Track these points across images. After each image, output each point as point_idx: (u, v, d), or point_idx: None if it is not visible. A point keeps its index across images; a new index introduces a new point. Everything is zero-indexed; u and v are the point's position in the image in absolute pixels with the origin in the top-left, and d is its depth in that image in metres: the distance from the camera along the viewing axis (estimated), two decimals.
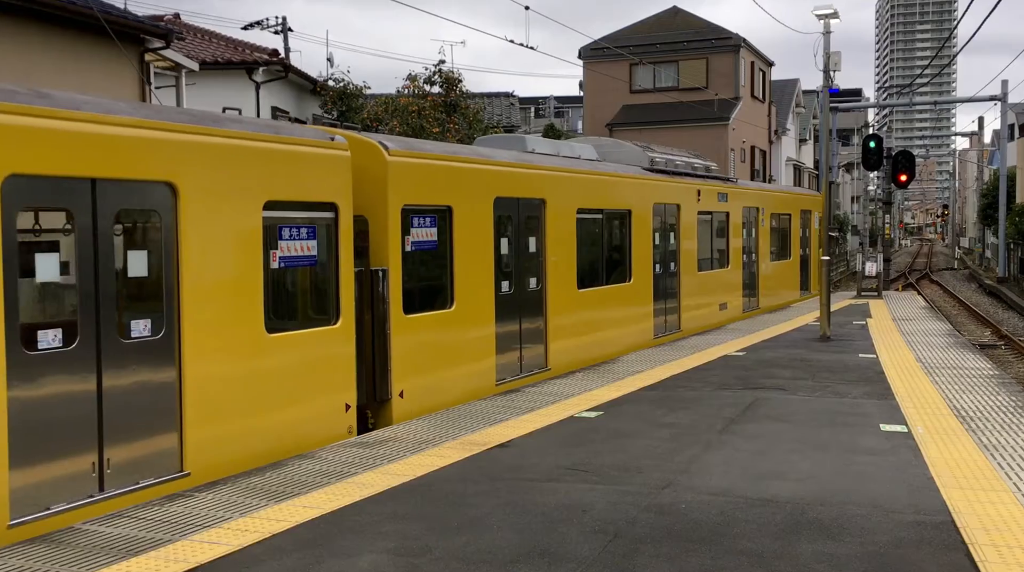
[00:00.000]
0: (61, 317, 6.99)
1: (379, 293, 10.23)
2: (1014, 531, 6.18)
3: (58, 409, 6.86)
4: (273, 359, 8.71)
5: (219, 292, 8.16)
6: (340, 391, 9.56)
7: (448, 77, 28.95)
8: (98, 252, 7.18)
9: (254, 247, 8.55)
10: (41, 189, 6.80)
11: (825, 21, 18.29)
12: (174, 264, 7.80)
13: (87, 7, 13.34)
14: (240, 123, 8.78)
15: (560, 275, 13.93)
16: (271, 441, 8.67)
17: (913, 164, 27.63)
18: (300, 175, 9.11)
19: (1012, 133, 55.06)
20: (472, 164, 12.08)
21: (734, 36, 40.07)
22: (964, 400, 10.96)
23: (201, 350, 7.94)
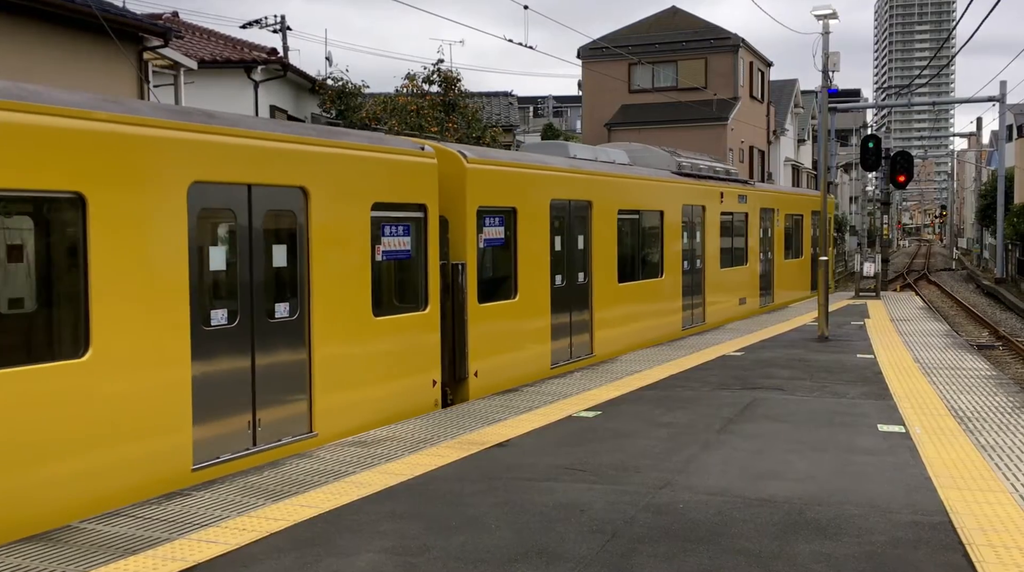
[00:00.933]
0: (226, 300, 8.39)
1: (458, 284, 11.65)
2: (1011, 531, 6.18)
3: (224, 376, 8.24)
4: (378, 339, 10.16)
5: (338, 280, 9.58)
6: (428, 369, 11.04)
7: (447, 76, 28.95)
8: (252, 246, 8.57)
9: (365, 242, 10.00)
10: (213, 193, 8.20)
11: (824, 21, 18.29)
12: (305, 256, 9.20)
13: (86, 6, 13.33)
14: (353, 135, 10.28)
15: (604, 270, 15.34)
16: (377, 411, 10.05)
17: (911, 165, 27.65)
18: (398, 180, 10.60)
19: (1010, 134, 55.12)
20: (532, 170, 13.57)
21: (733, 36, 40.09)
22: (962, 400, 10.97)
23: (325, 330, 9.34)
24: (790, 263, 26.54)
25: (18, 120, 6.68)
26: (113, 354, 7.29)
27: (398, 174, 10.58)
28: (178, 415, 7.82)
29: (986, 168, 72.30)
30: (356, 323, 9.81)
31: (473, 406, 10.82)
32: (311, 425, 9.21)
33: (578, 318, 14.56)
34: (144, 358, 7.55)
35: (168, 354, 7.72)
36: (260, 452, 8.52)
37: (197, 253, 8.02)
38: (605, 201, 15.37)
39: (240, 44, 25.09)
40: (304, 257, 9.18)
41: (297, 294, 9.09)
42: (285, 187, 8.95)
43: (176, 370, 7.78)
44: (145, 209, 7.55)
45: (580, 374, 13.23)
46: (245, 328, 8.45)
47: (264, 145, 8.73)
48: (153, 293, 7.61)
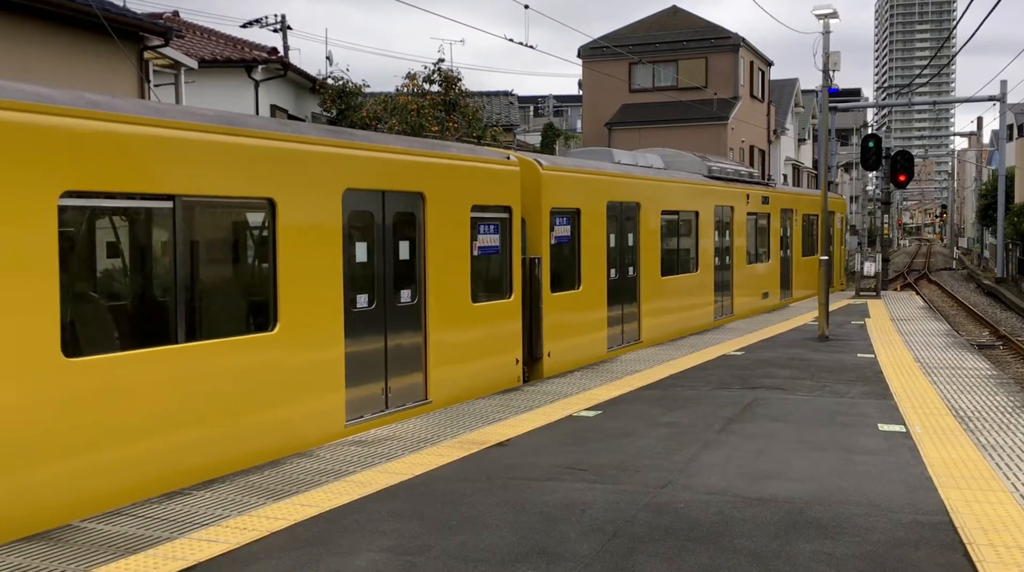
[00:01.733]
0: (367, 287, 10.08)
1: (535, 275, 13.39)
2: (1012, 531, 6.18)
3: (366, 350, 10.01)
4: (474, 323, 11.93)
5: (446, 272, 11.36)
6: (513, 349, 12.81)
7: (447, 76, 28.94)
8: (384, 242, 10.36)
9: (466, 239, 11.80)
10: (359, 198, 9.92)
11: (824, 21, 18.29)
12: (422, 251, 10.96)
13: (86, 5, 13.33)
14: (456, 148, 12.10)
15: (649, 265, 17.09)
16: (473, 385, 11.78)
17: (912, 164, 27.64)
18: (490, 186, 12.38)
19: (1011, 133, 55.09)
20: (593, 175, 15.28)
21: (733, 36, 40.07)
22: (962, 400, 10.97)
23: (437, 313, 11.11)
24: (807, 260, 28.08)
25: (238, 142, 8.50)
26: (293, 329, 8.97)
27: (490, 180, 12.40)
28: (336, 381, 9.56)
29: (986, 167, 72.27)
30: (459, 308, 11.65)
31: (552, 382, 12.55)
32: (426, 393, 11.01)
33: (628, 308, 16.36)
34: (314, 332, 9.27)
35: (330, 330, 9.49)
36: (390, 414, 10.30)
37: (348, 248, 9.79)
38: (650, 202, 17.11)
39: (241, 43, 25.09)
40: (422, 251, 10.97)
41: (416, 283, 10.92)
42: (408, 193, 10.76)
43: (335, 343, 9.54)
44: (315, 211, 9.31)
45: (580, 373, 13.23)
46: (380, 311, 10.31)
47: (393, 157, 10.51)
48: (320, 280, 9.35)
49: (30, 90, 6.91)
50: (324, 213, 9.39)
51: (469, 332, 11.77)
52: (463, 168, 11.86)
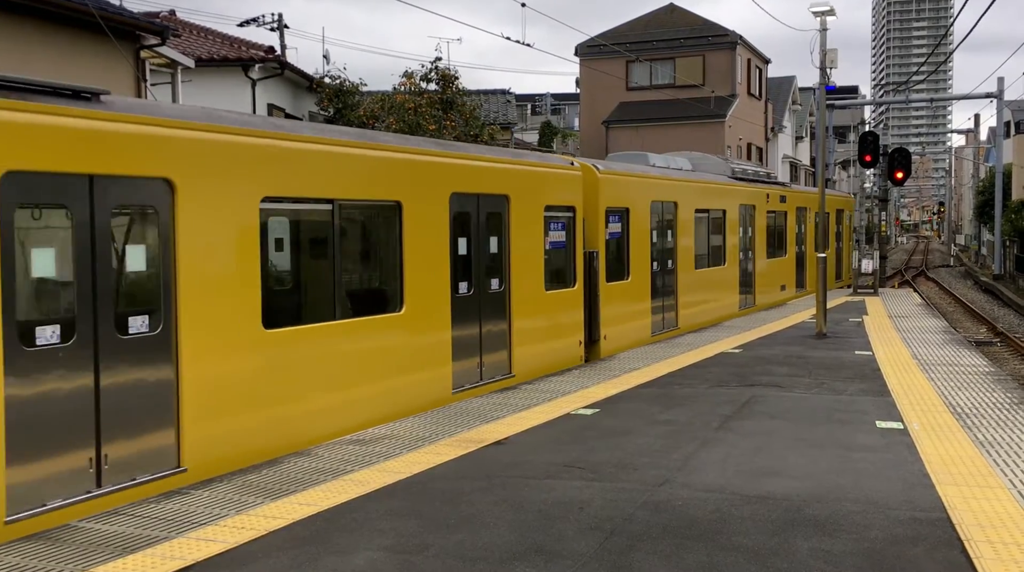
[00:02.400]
0: (466, 276, 11.91)
1: (594, 267, 15.02)
2: (1009, 527, 6.19)
3: (466, 330, 11.82)
4: (547, 308, 13.64)
5: (526, 263, 13.08)
6: (577, 331, 14.50)
7: (444, 74, 28.91)
8: (479, 237, 12.15)
9: (540, 235, 13.52)
10: (461, 200, 11.76)
11: (822, 18, 18.29)
12: (506, 245, 12.68)
13: (83, 4, 13.31)
14: (531, 155, 14.78)
15: (685, 259, 18.78)
16: (548, 360, 13.56)
17: (909, 161, 27.66)
18: (558, 188, 14.13)
19: (1008, 130, 55.12)
20: (639, 178, 17.09)
21: (730, 33, 40.06)
22: (960, 397, 10.98)
23: (519, 299, 12.91)
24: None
25: (377, 155, 10.34)
26: (415, 310, 10.81)
27: (558, 183, 14.15)
28: (444, 355, 11.36)
29: (984, 165, 72.31)
30: (536, 295, 13.38)
31: (609, 361, 14.36)
32: (510, 368, 12.74)
33: (668, 297, 18.10)
34: (430, 314, 11.12)
35: (441, 312, 11.30)
36: (484, 385, 12.10)
37: (453, 242, 11.48)
38: (686, 202, 18.86)
39: (237, 42, 25.06)
40: (506, 246, 12.65)
41: (502, 273, 12.61)
42: (497, 195, 12.46)
43: (445, 323, 11.35)
44: (430, 212, 11.07)
45: (578, 372, 13.23)
46: (476, 297, 12.04)
47: (486, 165, 12.38)
48: (435, 270, 11.17)
49: (237, 117, 9.01)
50: (437, 213, 11.25)
51: (543, 316, 13.58)
52: (538, 173, 13.72)
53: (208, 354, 8.15)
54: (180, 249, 7.90)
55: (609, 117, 39.61)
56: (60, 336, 6.96)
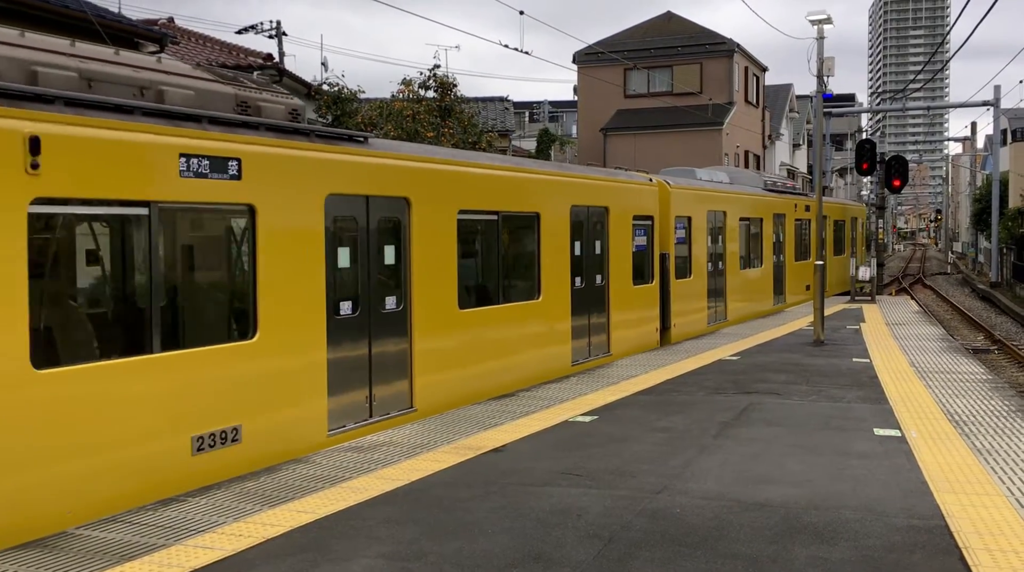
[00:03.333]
0: (577, 273, 14.64)
1: (665, 267, 18.11)
2: (1007, 535, 6.19)
3: (583, 316, 14.75)
4: (634, 299, 16.69)
5: (620, 262, 16.08)
6: (654, 320, 17.62)
7: (442, 82, 28.94)
8: (585, 240, 14.94)
9: (630, 239, 16.50)
10: (578, 211, 14.68)
11: (819, 27, 18.34)
12: (607, 246, 15.63)
13: (80, 10, 13.32)
14: (622, 174, 17.28)
15: (732, 261, 21.80)
16: (635, 343, 16.55)
17: (906, 169, 27.72)
18: (642, 200, 17.20)
19: (1005, 138, 55.24)
20: (699, 191, 20.25)
21: (728, 41, 40.14)
22: (957, 404, 10.98)
23: (614, 290, 15.85)
24: (839, 259, 33.59)
25: (521, 177, 13.40)
26: (548, 298, 13.69)
27: (641, 197, 17.21)
28: (567, 335, 14.28)
29: (981, 172, 72.43)
30: (626, 289, 16.30)
31: (678, 345, 17.35)
32: (609, 348, 15.67)
33: (719, 294, 21.07)
34: (559, 302, 13.99)
35: (566, 300, 14.25)
36: (590, 361, 14.98)
37: (571, 245, 14.49)
38: (733, 212, 21.98)
39: (236, 49, 25.10)
40: (606, 248, 15.65)
41: (603, 270, 15.57)
42: (599, 207, 15.53)
43: (567, 310, 14.28)
44: (557, 221, 14.11)
45: (576, 378, 13.23)
46: (586, 289, 15.00)
47: (592, 183, 15.42)
48: (561, 266, 14.12)
49: (443, 151, 12.57)
50: (562, 222, 14.11)
51: (632, 307, 16.56)
52: (628, 188, 16.70)
53: (429, 327, 10.97)
54: (413, 249, 10.80)
55: (607, 124, 39.66)
56: (351, 309, 9.85)
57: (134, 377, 7.46)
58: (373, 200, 10.21)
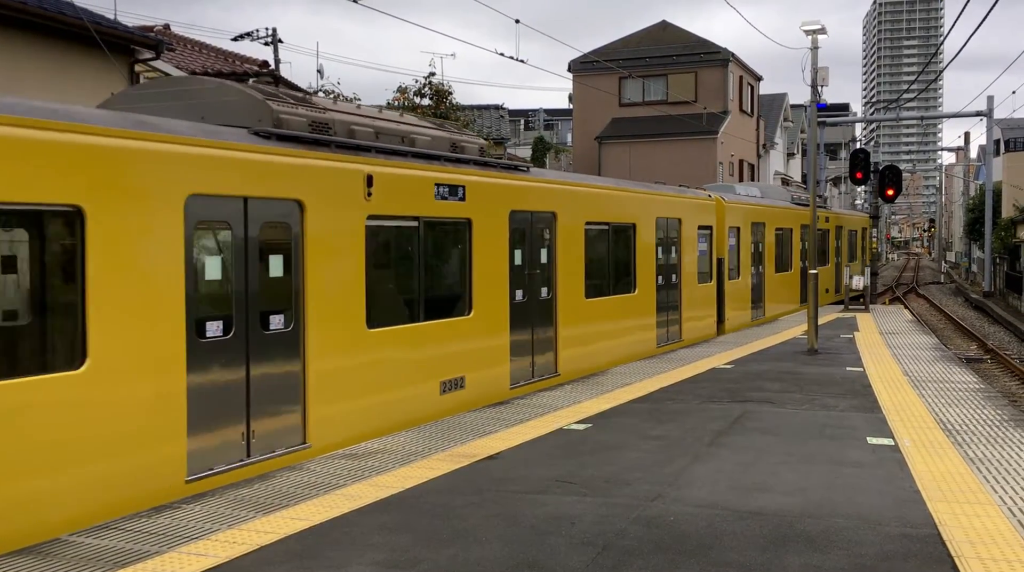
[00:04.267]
0: (660, 272, 17.94)
1: (720, 269, 21.43)
2: (999, 544, 6.21)
3: (665, 310, 18.10)
4: (700, 296, 20.12)
5: (689, 264, 19.45)
6: (713, 313, 20.99)
7: (438, 89, 29.03)
8: (667, 246, 18.27)
9: (696, 245, 19.87)
10: (660, 222, 17.89)
11: (813, 37, 18.42)
12: (679, 253, 18.84)
13: (77, 18, 13.33)
14: (690, 191, 20.62)
15: (769, 265, 25.29)
16: (698, 333, 19.91)
17: (900, 179, 27.81)
18: (704, 213, 20.52)
19: (998, 148, 55.43)
20: (745, 205, 23.44)
21: (723, 50, 40.27)
22: (950, 413, 11.02)
23: (685, 288, 19.18)
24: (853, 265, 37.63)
25: (623, 194, 16.61)
26: (643, 292, 17.21)
27: (704, 210, 20.62)
28: (653, 325, 17.72)
29: (974, 182, 72.67)
30: (694, 288, 19.75)
31: (727, 337, 20.29)
32: (680, 335, 18.97)
33: (760, 294, 24.34)
34: (648, 296, 17.55)
35: (653, 295, 17.68)
36: (668, 345, 18.14)
37: (656, 251, 17.79)
38: (771, 223, 25.52)
39: (231, 56, 25.10)
40: (679, 254, 18.88)
41: (677, 273, 18.82)
42: (674, 218, 18.62)
43: (652, 305, 17.65)
44: (647, 231, 17.43)
45: (571, 386, 13.24)
46: (666, 287, 18.25)
47: (669, 198, 18.56)
48: (650, 269, 17.49)
49: (577, 176, 15.95)
50: (650, 231, 17.53)
51: (698, 302, 19.97)
52: (695, 203, 20.08)
53: (568, 307, 14.37)
54: (559, 248, 14.22)
55: (602, 133, 39.74)
56: (522, 296, 13.28)
57: (413, 337, 10.83)
58: (535, 214, 13.71)
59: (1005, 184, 53.62)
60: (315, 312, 9.34)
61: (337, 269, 9.66)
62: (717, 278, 21.21)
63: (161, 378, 7.62)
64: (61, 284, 7.15)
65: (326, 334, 9.49)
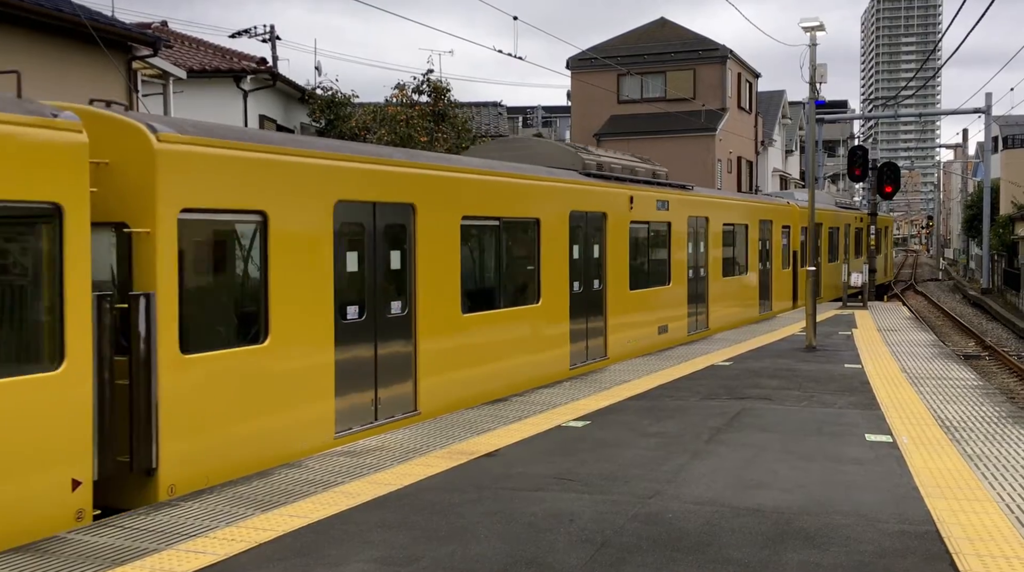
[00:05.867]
0: (760, 259, 24.29)
1: (795, 260, 27.08)
2: (997, 541, 6.22)
3: (768, 288, 25.05)
4: (782, 280, 26.08)
5: (777, 255, 25.52)
6: (790, 294, 27.06)
7: (436, 86, 28.98)
8: (764, 239, 24.70)
9: (780, 240, 25.99)
10: (760, 224, 24.35)
11: (811, 34, 18.41)
12: (771, 245, 25.02)
13: (74, 15, 13.31)
14: (763, 196, 30.08)
15: (824, 258, 30.78)
16: (781, 307, 25.93)
17: (898, 176, 27.83)
18: (785, 214, 26.59)
19: (996, 145, 55.44)
20: (818, 209, 27.31)
21: (721, 47, 40.24)
22: (948, 410, 11.03)
23: (775, 273, 25.32)
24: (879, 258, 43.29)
25: (737, 203, 23.15)
26: (755, 276, 23.78)
27: (785, 212, 26.32)
28: (755, 298, 23.95)
29: (972, 179, 72.69)
30: (780, 272, 25.11)
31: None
32: (771, 308, 24.16)
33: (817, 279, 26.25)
34: (749, 289, 23.76)
35: (757, 284, 23.97)
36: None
37: (761, 245, 24.38)
38: (826, 223, 31.17)
39: (229, 53, 25.07)
40: (771, 244, 23.09)
41: (769, 261, 24.05)
42: (768, 220, 23.48)
43: (754, 296, 23.76)
44: (746, 232, 23.21)
45: (569, 384, 13.24)
46: (762, 275, 23.64)
47: (767, 205, 24.80)
48: (754, 258, 24.03)
49: (705, 190, 22.05)
50: (754, 229, 22.78)
51: (781, 284, 25.69)
52: (781, 207, 26.18)
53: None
54: (710, 245, 20.21)
55: (600, 130, 39.70)
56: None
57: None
58: (692, 218, 19.57)
59: (1003, 181, 53.62)
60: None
61: (619, 252, 16.24)
62: (793, 266, 27.47)
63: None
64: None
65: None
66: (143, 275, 7.67)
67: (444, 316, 11.27)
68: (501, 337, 12.62)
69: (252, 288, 8.84)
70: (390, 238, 10.52)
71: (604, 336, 15.66)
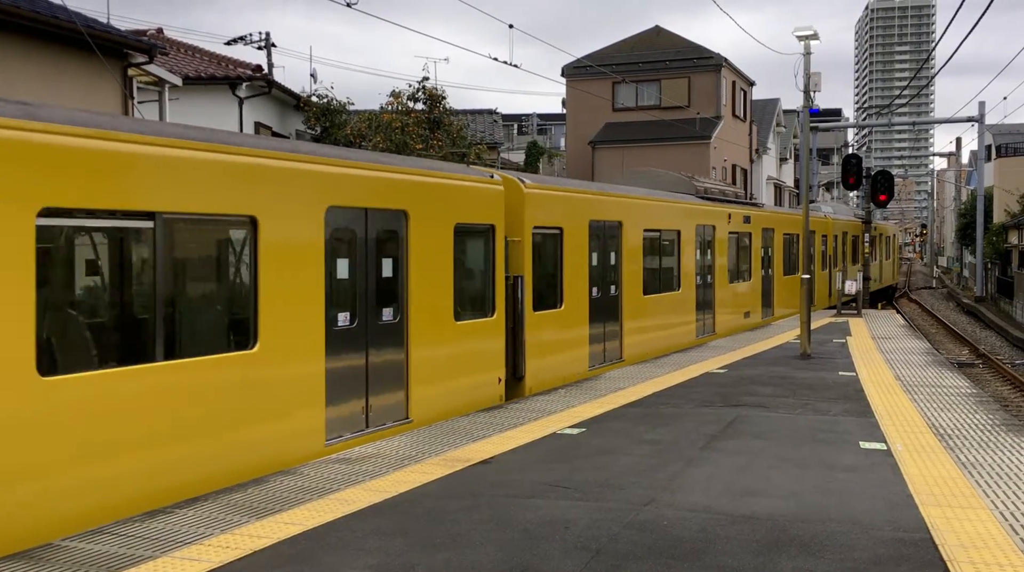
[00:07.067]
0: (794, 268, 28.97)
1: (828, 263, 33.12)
2: (991, 548, 6.24)
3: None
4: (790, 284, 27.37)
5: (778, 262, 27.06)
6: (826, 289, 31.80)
7: (431, 94, 29.01)
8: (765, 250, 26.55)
9: (849, 245, 36.23)
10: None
11: (805, 42, 18.48)
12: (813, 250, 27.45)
13: (70, 22, 13.32)
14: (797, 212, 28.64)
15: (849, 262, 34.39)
16: (822, 305, 30.60)
17: (892, 184, 27.89)
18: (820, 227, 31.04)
19: (989, 154, 55.65)
20: (839, 220, 34.43)
21: (715, 55, 40.36)
22: (942, 418, 11.05)
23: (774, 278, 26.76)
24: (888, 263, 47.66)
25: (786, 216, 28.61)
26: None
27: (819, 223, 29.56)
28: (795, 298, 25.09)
29: (965, 187, 72.91)
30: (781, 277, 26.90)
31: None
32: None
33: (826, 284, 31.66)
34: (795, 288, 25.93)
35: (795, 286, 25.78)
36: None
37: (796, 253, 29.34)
38: (851, 232, 35.97)
39: (225, 60, 25.09)
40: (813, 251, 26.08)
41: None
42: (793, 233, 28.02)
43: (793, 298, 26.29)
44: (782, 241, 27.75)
45: (564, 391, 13.25)
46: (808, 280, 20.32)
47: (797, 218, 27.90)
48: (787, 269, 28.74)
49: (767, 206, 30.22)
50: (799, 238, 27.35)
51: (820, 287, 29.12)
52: (817, 220, 28.88)
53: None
54: (775, 250, 25.89)
55: (595, 138, 39.78)
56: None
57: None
58: (764, 229, 23.68)
59: (996, 189, 53.80)
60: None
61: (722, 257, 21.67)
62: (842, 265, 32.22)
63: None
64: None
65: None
66: (516, 265, 12.95)
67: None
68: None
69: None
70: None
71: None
